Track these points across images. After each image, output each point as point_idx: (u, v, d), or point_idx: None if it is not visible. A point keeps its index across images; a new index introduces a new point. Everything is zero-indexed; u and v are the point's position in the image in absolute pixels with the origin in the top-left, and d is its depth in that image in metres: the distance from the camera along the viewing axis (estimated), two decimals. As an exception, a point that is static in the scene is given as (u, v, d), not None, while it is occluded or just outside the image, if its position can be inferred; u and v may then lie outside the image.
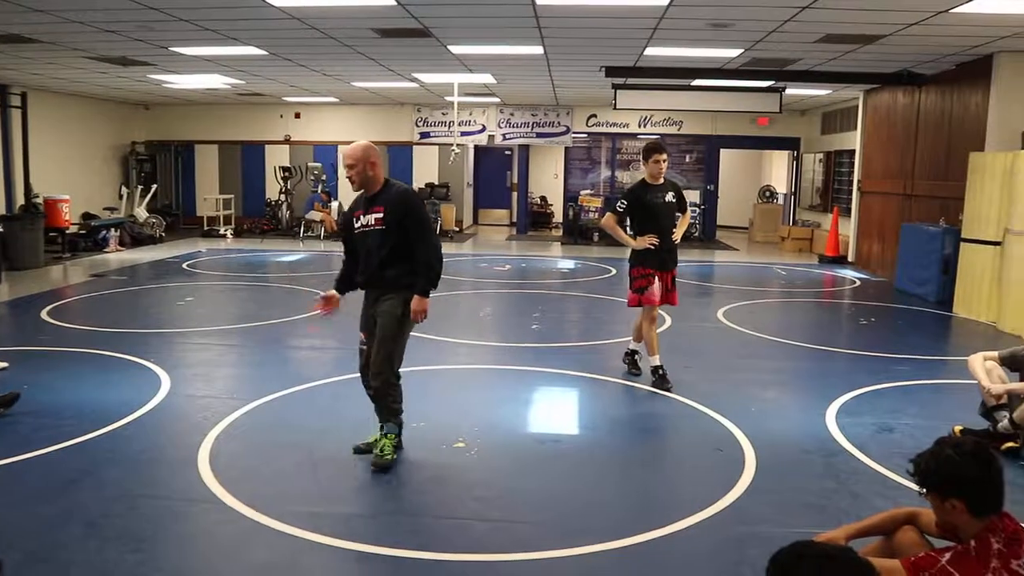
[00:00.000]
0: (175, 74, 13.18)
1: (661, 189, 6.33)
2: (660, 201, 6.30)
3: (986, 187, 9.30)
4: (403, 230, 4.54)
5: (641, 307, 6.37)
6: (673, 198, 6.36)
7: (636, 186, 6.42)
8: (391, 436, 4.67)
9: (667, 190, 6.35)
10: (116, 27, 9.07)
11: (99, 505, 4.00)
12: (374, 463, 4.56)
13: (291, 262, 14.02)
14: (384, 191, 4.62)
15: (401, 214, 4.54)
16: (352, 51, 10.69)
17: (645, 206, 6.29)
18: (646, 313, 6.37)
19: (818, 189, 17.66)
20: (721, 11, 7.97)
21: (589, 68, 11.91)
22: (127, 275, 12.01)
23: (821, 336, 8.69)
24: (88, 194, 16.54)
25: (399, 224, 4.53)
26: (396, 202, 4.57)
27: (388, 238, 4.55)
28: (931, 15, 7.76)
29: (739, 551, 3.67)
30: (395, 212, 4.53)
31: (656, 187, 6.32)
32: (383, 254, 4.57)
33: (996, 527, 2.45)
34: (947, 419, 5.40)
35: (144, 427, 5.20)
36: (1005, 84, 9.75)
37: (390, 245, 4.56)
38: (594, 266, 13.97)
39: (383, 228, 4.54)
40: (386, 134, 18.96)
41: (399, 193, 4.63)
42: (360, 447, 4.81)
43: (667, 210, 6.34)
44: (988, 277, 9.26)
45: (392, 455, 4.62)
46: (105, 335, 7.83)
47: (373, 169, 4.59)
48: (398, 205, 4.56)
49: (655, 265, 6.29)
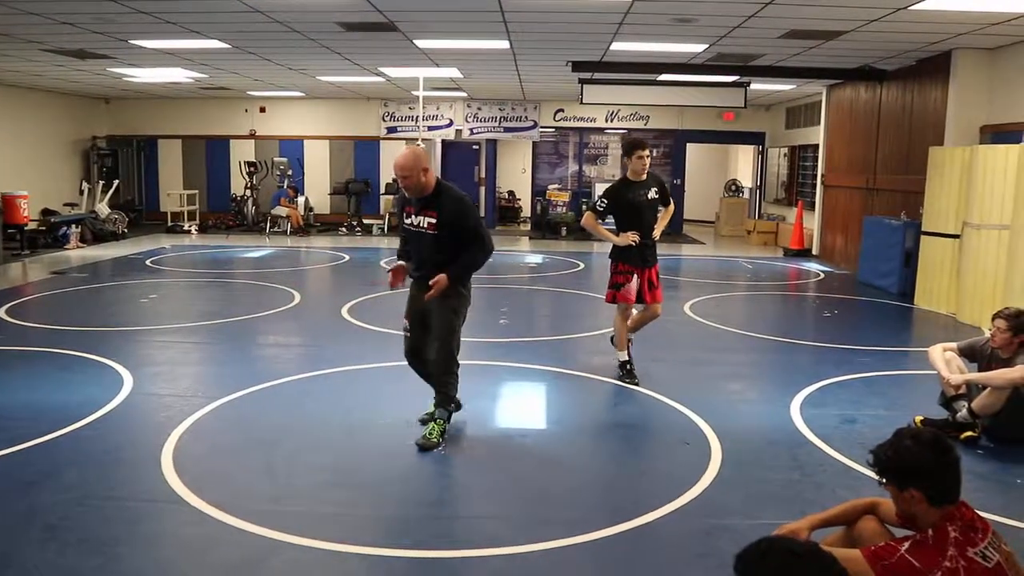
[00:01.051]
0: (136, 67, 12.95)
1: (644, 186, 6.20)
2: (643, 199, 6.18)
3: (945, 181, 9.46)
4: (455, 236, 4.71)
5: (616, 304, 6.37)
6: (656, 194, 6.23)
7: (618, 184, 6.30)
8: (440, 421, 4.88)
9: (650, 186, 6.22)
10: (73, 19, 8.88)
11: (59, 507, 3.93)
12: (420, 443, 4.78)
13: (257, 258, 13.87)
14: (437, 196, 4.74)
15: (454, 223, 4.71)
16: (317, 45, 10.59)
17: (628, 204, 6.16)
18: (620, 309, 6.38)
19: (783, 183, 17.86)
20: (685, 6, 8.01)
21: (556, 62, 11.92)
22: (88, 272, 11.80)
23: (786, 329, 8.79)
24: (47, 190, 16.20)
25: (451, 231, 4.70)
26: (450, 210, 4.71)
27: (441, 242, 4.73)
28: (890, 12, 7.87)
29: (706, 543, 3.70)
30: (449, 221, 4.70)
31: (638, 184, 6.19)
32: (437, 258, 4.75)
33: (953, 516, 2.50)
34: (908, 409, 5.49)
35: (106, 427, 5.12)
36: (963, 80, 9.93)
37: (443, 249, 4.73)
38: (562, 260, 14.00)
39: (436, 233, 4.72)
40: (352, 129, 18.82)
41: (453, 201, 4.74)
42: (425, 418, 5.07)
43: (651, 207, 6.23)
44: (948, 269, 9.44)
45: (438, 439, 4.81)
46: (66, 334, 7.69)
47: (425, 175, 4.70)
48: (452, 214, 4.71)
49: (636, 263, 6.21)
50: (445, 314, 4.80)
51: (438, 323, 4.82)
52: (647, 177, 6.24)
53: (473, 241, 4.75)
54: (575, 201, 18.47)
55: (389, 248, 15.43)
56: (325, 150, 19.02)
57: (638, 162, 6.13)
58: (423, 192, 4.73)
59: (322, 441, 4.96)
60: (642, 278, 6.25)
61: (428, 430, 4.85)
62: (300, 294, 10.01)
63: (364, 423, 5.27)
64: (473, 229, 4.76)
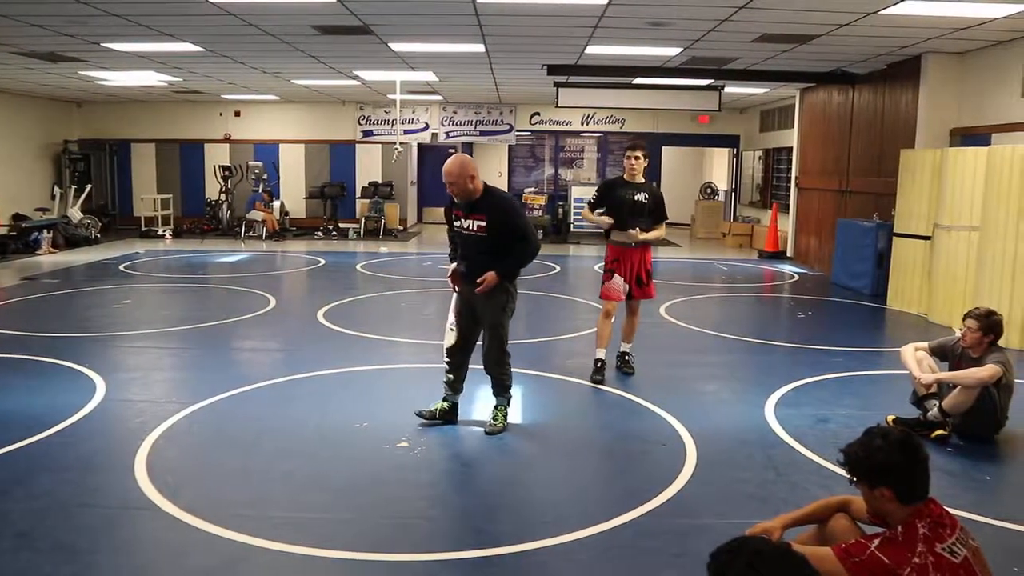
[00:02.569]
0: (108, 71, 12.82)
1: (636, 188, 6.31)
2: (629, 198, 6.27)
3: (916, 183, 9.60)
4: (504, 236, 4.93)
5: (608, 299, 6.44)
6: (646, 199, 6.30)
7: (612, 180, 6.53)
8: (502, 407, 5.24)
9: (642, 190, 6.32)
10: (43, 21, 8.78)
11: (31, 516, 3.88)
12: (488, 430, 5.14)
13: (232, 262, 13.76)
14: (484, 199, 4.96)
15: (502, 223, 4.93)
16: (292, 48, 10.54)
17: (614, 198, 6.32)
18: (604, 306, 6.46)
19: (758, 186, 18.02)
20: (659, 10, 8.07)
21: (531, 66, 11.95)
22: (61, 278, 11.65)
23: (761, 330, 8.87)
24: (18, 194, 16.00)
25: (500, 232, 4.92)
26: (498, 212, 4.94)
27: (491, 244, 4.94)
28: (861, 16, 7.98)
29: (681, 543, 3.73)
30: (496, 222, 4.92)
31: (631, 184, 6.32)
32: (485, 257, 4.96)
33: (922, 513, 2.54)
34: (881, 409, 5.56)
35: (78, 434, 5.06)
36: (933, 83, 10.08)
37: (492, 250, 4.94)
38: (538, 263, 13.98)
39: (485, 235, 4.94)
40: (328, 132, 18.75)
41: (500, 203, 5.01)
42: (423, 413, 5.27)
43: (636, 208, 6.28)
44: (919, 270, 9.57)
45: (503, 424, 5.18)
46: (37, 340, 7.59)
47: (472, 182, 4.91)
48: (499, 215, 4.93)
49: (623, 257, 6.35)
50: (495, 310, 5.08)
51: (489, 319, 5.11)
52: (644, 182, 6.39)
53: (520, 241, 4.97)
54: (551, 204, 18.51)
55: (366, 252, 15.40)
56: (300, 154, 18.93)
57: (626, 162, 6.34)
58: (471, 197, 4.94)
59: (298, 446, 4.93)
60: (630, 273, 6.35)
61: (493, 416, 5.21)
62: (275, 298, 9.95)
63: (340, 427, 5.25)
64: (522, 230, 4.99)
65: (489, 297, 5.00)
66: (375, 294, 10.71)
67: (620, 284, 6.39)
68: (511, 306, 5.17)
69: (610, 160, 19.77)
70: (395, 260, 14.47)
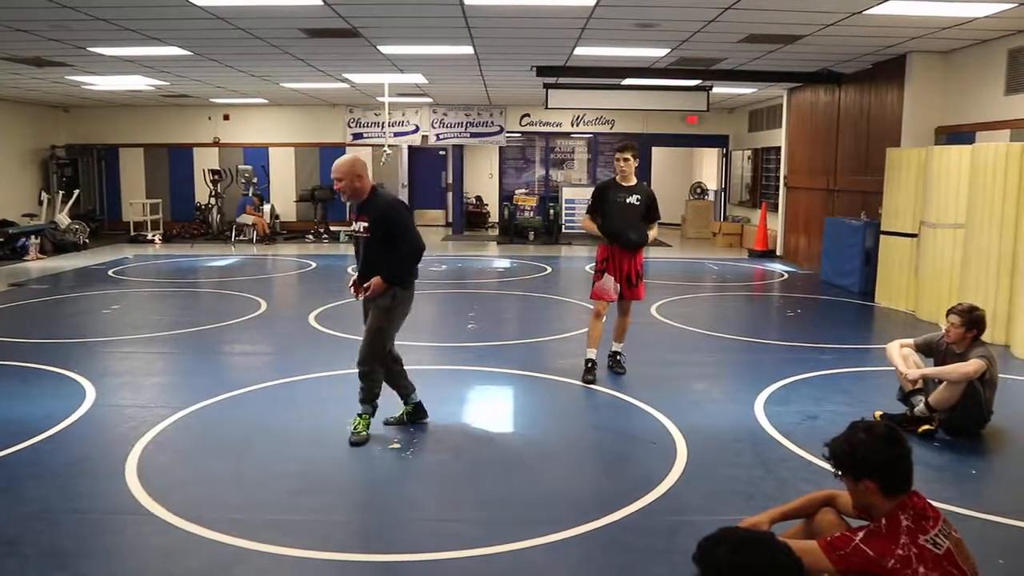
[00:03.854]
0: (95, 75, 12.79)
1: (629, 191, 6.32)
2: (622, 201, 6.29)
3: (902, 182, 9.66)
4: (388, 238, 4.91)
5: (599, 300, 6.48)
6: (638, 201, 6.32)
7: (604, 183, 6.52)
8: (364, 417, 5.06)
9: (634, 192, 6.33)
10: (29, 26, 8.76)
11: (19, 522, 3.87)
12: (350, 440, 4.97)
13: (223, 267, 13.73)
14: (370, 202, 4.97)
15: (384, 226, 4.91)
16: (280, 51, 10.54)
17: (606, 202, 6.35)
18: (595, 306, 6.50)
19: (747, 185, 18.09)
20: (647, 11, 8.11)
21: (520, 67, 11.98)
22: (49, 284, 11.61)
23: (751, 328, 8.91)
24: (5, 200, 15.95)
25: (384, 234, 4.91)
26: (379, 215, 4.92)
27: (375, 245, 4.95)
28: (846, 16, 8.03)
29: (671, 540, 3.75)
30: (379, 225, 4.91)
31: (623, 187, 6.33)
32: (372, 259, 4.98)
33: (906, 505, 2.57)
34: (868, 405, 5.60)
35: (67, 440, 5.05)
36: (917, 82, 10.15)
37: (378, 251, 4.94)
38: (530, 265, 14.05)
39: (369, 236, 4.95)
40: (318, 135, 18.73)
41: (382, 206, 4.96)
42: (391, 420, 5.28)
43: (628, 211, 6.30)
44: (906, 268, 9.63)
45: (364, 432, 5.00)
46: (26, 346, 7.57)
47: (360, 181, 4.92)
48: (381, 219, 4.92)
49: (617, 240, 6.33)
50: (375, 313, 5.03)
51: (369, 321, 5.09)
52: (636, 184, 6.39)
53: (402, 240, 4.90)
54: (542, 205, 18.53)
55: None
56: (290, 157, 18.91)
57: (617, 164, 6.34)
58: (359, 198, 4.96)
59: (290, 449, 4.94)
60: (620, 273, 6.37)
61: (353, 424, 5.03)
62: (266, 302, 9.94)
63: (333, 430, 5.25)
64: (402, 230, 4.91)
65: (376, 300, 4.99)
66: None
67: (611, 284, 6.41)
68: (398, 312, 5.05)
69: (601, 161, 19.81)
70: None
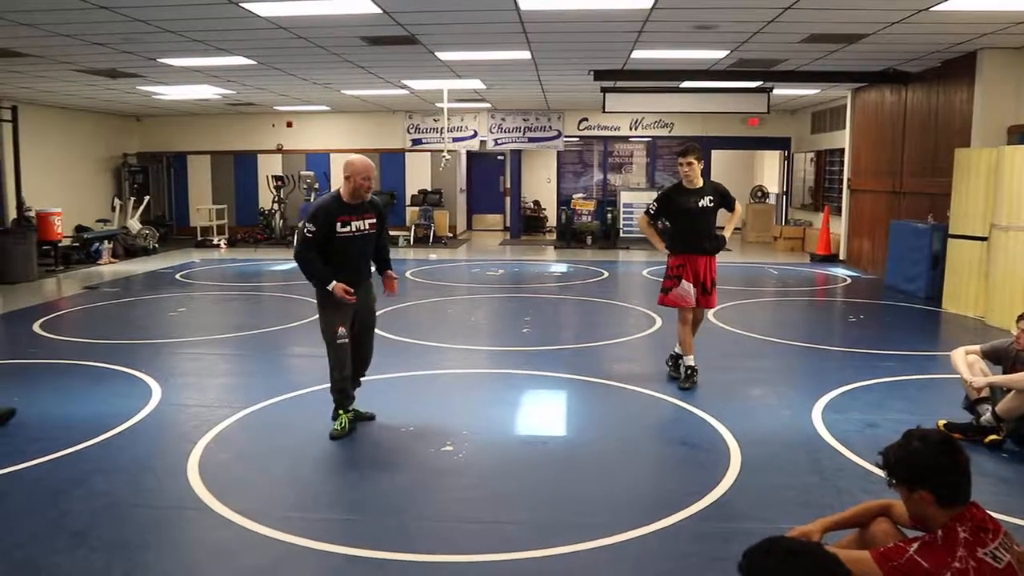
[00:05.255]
0: (165, 85, 13.23)
1: (696, 193, 6.22)
2: (693, 205, 6.20)
3: (972, 183, 9.35)
4: (381, 231, 5.36)
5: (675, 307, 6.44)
6: (711, 202, 6.21)
7: (669, 189, 6.43)
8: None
9: (704, 194, 6.21)
10: (103, 39, 9.11)
11: (88, 515, 4.03)
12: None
13: (285, 271, 14.02)
14: (370, 200, 5.25)
15: (382, 219, 5.36)
16: (340, 59, 10.74)
17: (678, 210, 6.27)
18: (678, 315, 6.46)
19: (809, 188, 17.72)
20: (704, 13, 8.03)
21: (577, 71, 11.97)
22: (120, 287, 12.04)
23: (810, 334, 8.73)
24: (81, 206, 16.57)
25: (380, 227, 5.33)
26: (379, 209, 5.33)
27: (375, 239, 5.32)
28: (912, 13, 7.82)
29: (723, 547, 3.70)
30: (380, 218, 5.33)
31: (692, 191, 6.23)
32: (371, 253, 5.35)
33: (964, 517, 2.49)
34: (931, 413, 5.44)
35: (134, 437, 5.23)
36: (989, 80, 9.81)
37: (372, 245, 5.31)
38: (587, 269, 14.01)
39: (374, 232, 5.27)
40: (378, 141, 19.01)
41: (375, 201, 5.32)
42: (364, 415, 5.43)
43: (703, 214, 6.22)
44: (976, 272, 9.32)
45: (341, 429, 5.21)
46: (97, 347, 7.86)
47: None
48: (381, 212, 5.35)
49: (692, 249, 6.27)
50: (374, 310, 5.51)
51: (375, 315, 5.53)
52: (704, 184, 6.27)
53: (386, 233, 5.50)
54: (600, 210, 18.46)
55: (415, 259, 15.56)
56: (351, 163, 19.18)
57: (681, 169, 6.24)
58: (365, 197, 5.19)
59: (345, 449, 5.02)
60: (696, 280, 6.30)
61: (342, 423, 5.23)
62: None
63: (387, 431, 5.33)
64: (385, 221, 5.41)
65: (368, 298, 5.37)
66: (424, 300, 10.82)
67: (689, 289, 6.29)
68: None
69: (659, 165, 19.66)
70: (444, 267, 14.60)
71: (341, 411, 5.25)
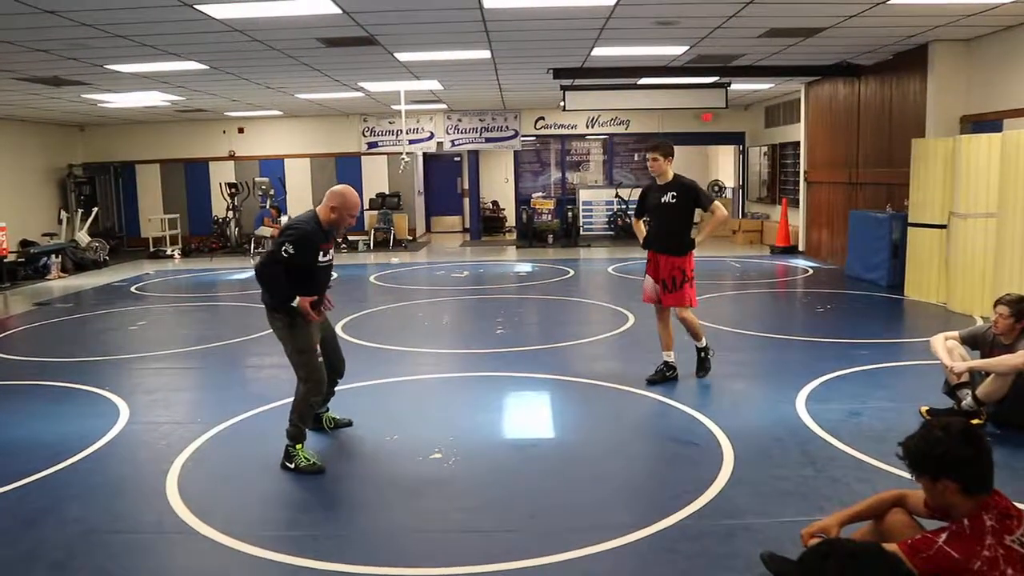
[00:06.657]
0: (111, 92, 12.82)
1: (663, 189, 6.19)
2: (656, 201, 6.21)
3: (930, 172, 9.53)
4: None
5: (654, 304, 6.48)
6: (673, 199, 6.13)
7: (646, 185, 6.48)
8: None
9: (669, 190, 6.16)
10: (47, 46, 8.77)
11: (64, 544, 3.82)
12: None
13: (243, 280, 13.71)
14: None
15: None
16: (297, 62, 10.52)
17: (646, 203, 6.36)
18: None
19: (765, 182, 17.94)
20: (667, 8, 8.03)
21: (536, 70, 11.92)
22: (72, 302, 11.63)
23: (781, 325, 8.80)
24: (25, 220, 16.01)
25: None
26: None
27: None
28: (869, 6, 7.92)
29: (728, 544, 3.65)
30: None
31: (660, 187, 6.22)
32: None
33: (988, 505, 2.48)
34: (912, 400, 5.50)
35: (105, 458, 5.01)
36: (940, 72, 10.01)
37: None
38: (552, 268, 13.98)
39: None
40: (333, 145, 18.75)
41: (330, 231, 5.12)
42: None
43: (663, 211, 6.19)
44: (936, 259, 9.49)
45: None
46: (55, 365, 7.56)
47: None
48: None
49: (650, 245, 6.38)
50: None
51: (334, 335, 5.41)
52: (671, 181, 6.19)
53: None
54: (560, 209, 18.45)
55: (376, 263, 15.36)
56: (306, 168, 18.92)
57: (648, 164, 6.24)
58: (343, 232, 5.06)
59: (333, 462, 4.86)
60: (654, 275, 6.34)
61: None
62: (291, 314, 9.88)
63: (370, 441, 5.20)
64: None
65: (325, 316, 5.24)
66: (391, 305, 10.67)
67: (649, 285, 6.36)
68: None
69: (617, 162, 19.73)
70: (407, 271, 14.43)
71: (298, 445, 4.76)
